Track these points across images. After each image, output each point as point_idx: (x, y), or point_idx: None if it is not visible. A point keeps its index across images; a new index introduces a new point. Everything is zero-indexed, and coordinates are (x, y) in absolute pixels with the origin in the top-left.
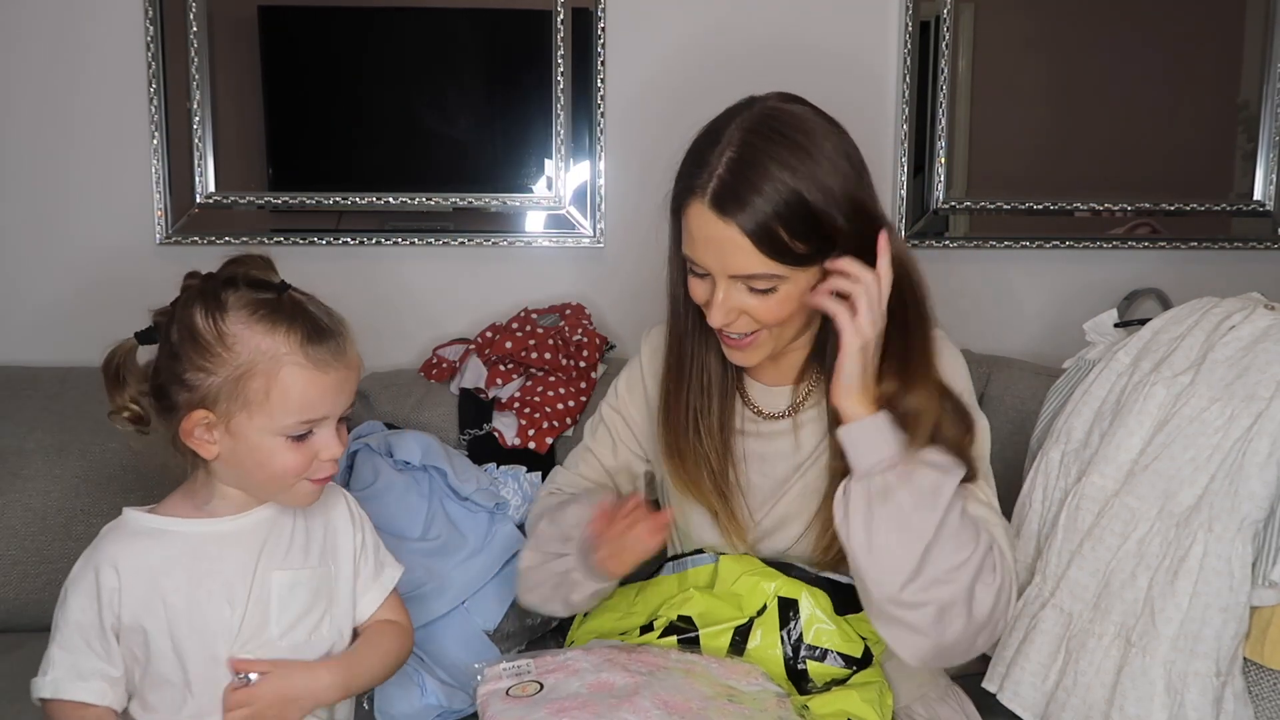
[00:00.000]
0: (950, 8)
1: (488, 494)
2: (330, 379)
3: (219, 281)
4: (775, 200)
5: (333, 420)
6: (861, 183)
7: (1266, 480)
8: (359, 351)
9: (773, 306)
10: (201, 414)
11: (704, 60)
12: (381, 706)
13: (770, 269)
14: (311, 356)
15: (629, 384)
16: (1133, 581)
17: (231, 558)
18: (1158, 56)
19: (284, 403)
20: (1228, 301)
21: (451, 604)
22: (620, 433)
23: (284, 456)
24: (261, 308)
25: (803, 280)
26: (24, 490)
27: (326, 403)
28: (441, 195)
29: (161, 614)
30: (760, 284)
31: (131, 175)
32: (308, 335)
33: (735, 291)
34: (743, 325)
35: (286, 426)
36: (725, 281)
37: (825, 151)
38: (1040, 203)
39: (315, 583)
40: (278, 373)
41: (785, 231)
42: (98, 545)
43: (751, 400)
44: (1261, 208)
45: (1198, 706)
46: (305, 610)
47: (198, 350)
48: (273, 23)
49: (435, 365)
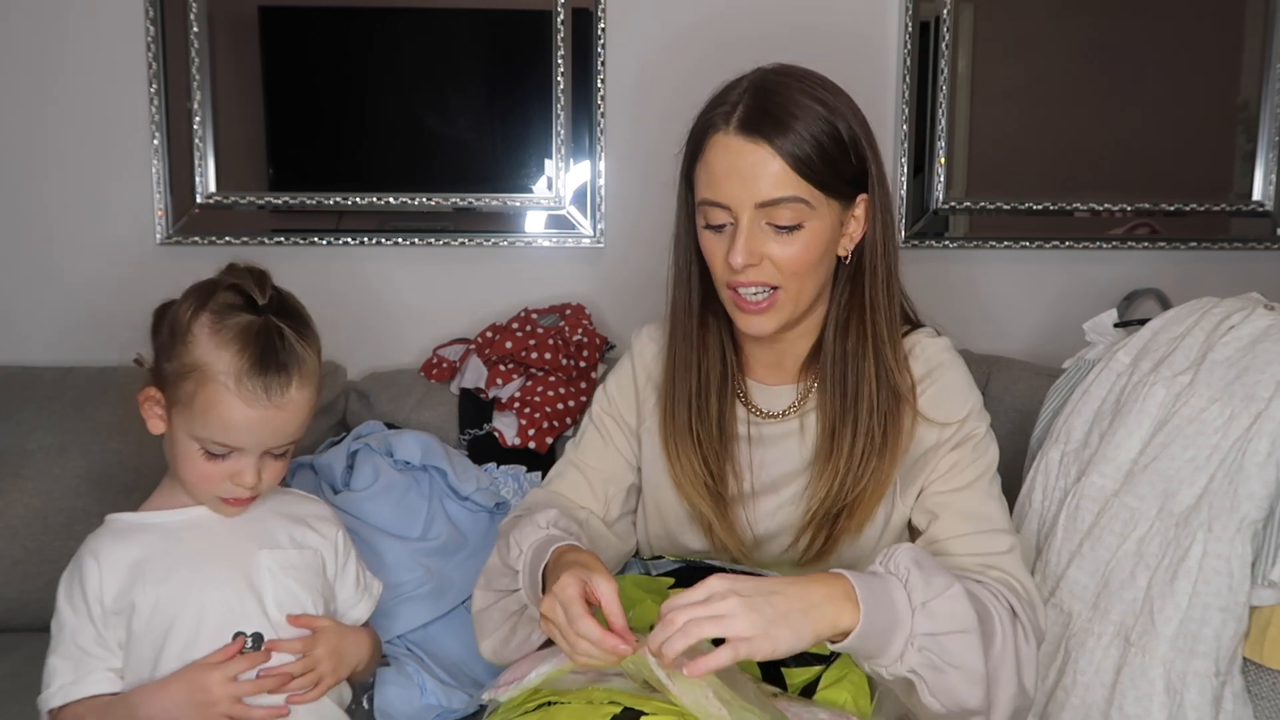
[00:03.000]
0: (950, 8)
1: (488, 494)
2: (253, 415)
3: (220, 284)
4: (807, 120)
5: (252, 454)
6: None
7: (1266, 480)
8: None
9: (796, 251)
10: (155, 390)
11: (704, 60)
12: (381, 706)
13: (800, 191)
14: (243, 386)
15: (619, 385)
16: (1132, 581)
17: (213, 541)
18: (1158, 56)
19: (203, 416)
20: (1227, 301)
21: (451, 604)
22: (612, 434)
23: (197, 465)
24: (227, 320)
25: (828, 218)
26: (24, 490)
27: (243, 435)
28: (442, 195)
29: (144, 598)
30: (786, 217)
31: (132, 175)
32: (251, 365)
33: (758, 230)
34: (764, 274)
35: (200, 438)
36: (749, 217)
37: (844, 96)
38: (1040, 203)
39: (304, 563)
40: (205, 386)
41: (816, 153)
42: (80, 548)
43: (753, 402)
44: (1261, 208)
45: (1197, 706)
46: (299, 590)
47: (169, 334)
48: (273, 23)
49: (435, 365)
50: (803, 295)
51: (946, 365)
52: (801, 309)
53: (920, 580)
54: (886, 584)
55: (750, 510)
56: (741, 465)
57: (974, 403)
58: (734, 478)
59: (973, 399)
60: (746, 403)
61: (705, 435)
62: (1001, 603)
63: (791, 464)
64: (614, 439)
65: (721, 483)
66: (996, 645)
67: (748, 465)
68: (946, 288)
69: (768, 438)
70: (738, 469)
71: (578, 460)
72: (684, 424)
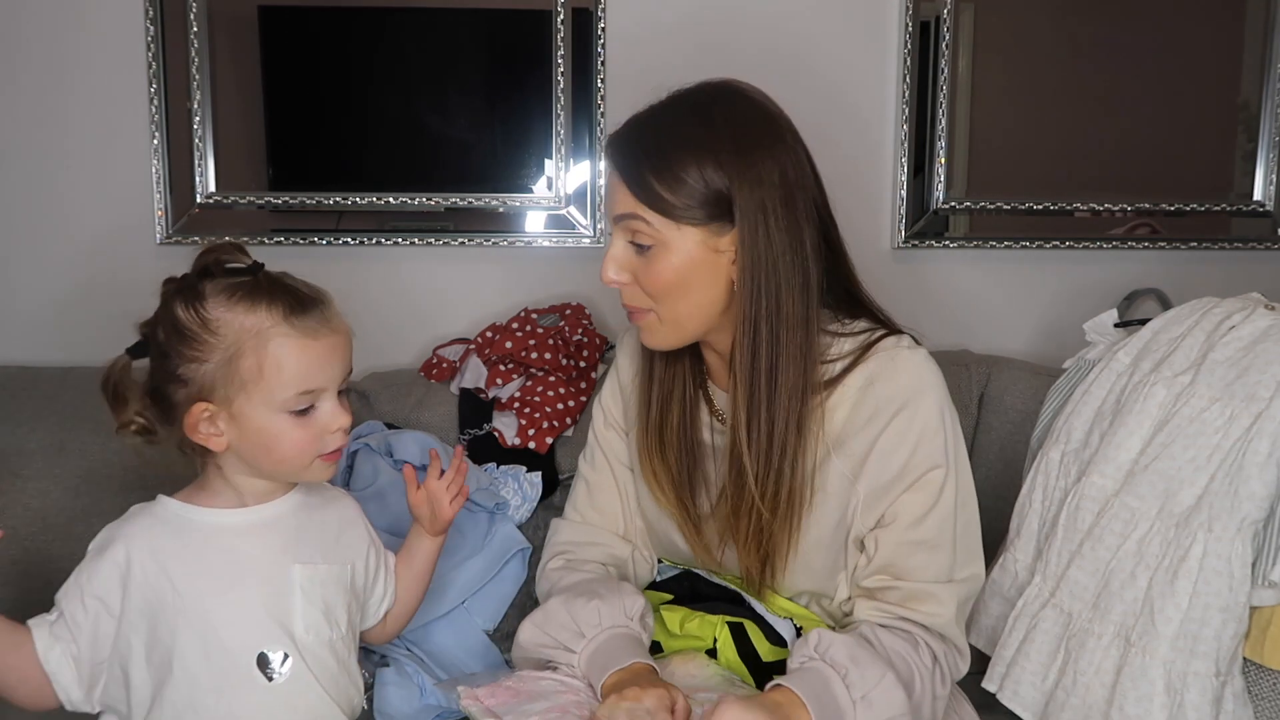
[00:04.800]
0: (950, 8)
1: (488, 494)
2: (321, 345)
3: (194, 275)
4: (645, 144)
5: (332, 391)
6: (760, 161)
7: (1266, 480)
8: (351, 327)
9: (653, 270)
10: (202, 406)
11: (704, 60)
12: (381, 706)
13: (640, 211)
14: (298, 326)
15: (612, 394)
16: (1132, 581)
17: (244, 549)
18: (1158, 56)
19: (279, 376)
20: (1228, 302)
21: (451, 604)
22: (616, 451)
23: (291, 435)
24: (239, 289)
25: (679, 244)
26: (24, 490)
27: (322, 371)
28: (442, 195)
29: (171, 600)
30: (641, 235)
31: (132, 175)
32: (290, 307)
33: (620, 241)
34: (633, 297)
35: (286, 401)
36: (617, 230)
37: (740, 116)
38: (1040, 203)
39: (336, 579)
40: (266, 347)
41: (656, 178)
42: (122, 523)
43: (718, 408)
44: (1261, 208)
45: (1197, 706)
46: (331, 606)
47: (185, 342)
48: (273, 22)
49: (435, 365)
50: (677, 315)
51: (924, 391)
52: (690, 329)
53: (857, 675)
54: (829, 683)
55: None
56: (710, 475)
57: (944, 437)
58: (704, 488)
59: (941, 435)
60: (711, 408)
61: (669, 443)
62: (924, 652)
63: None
64: (618, 454)
65: (690, 493)
66: (925, 707)
67: (715, 476)
68: (946, 288)
69: (720, 447)
70: (707, 478)
71: (593, 478)
72: (657, 431)
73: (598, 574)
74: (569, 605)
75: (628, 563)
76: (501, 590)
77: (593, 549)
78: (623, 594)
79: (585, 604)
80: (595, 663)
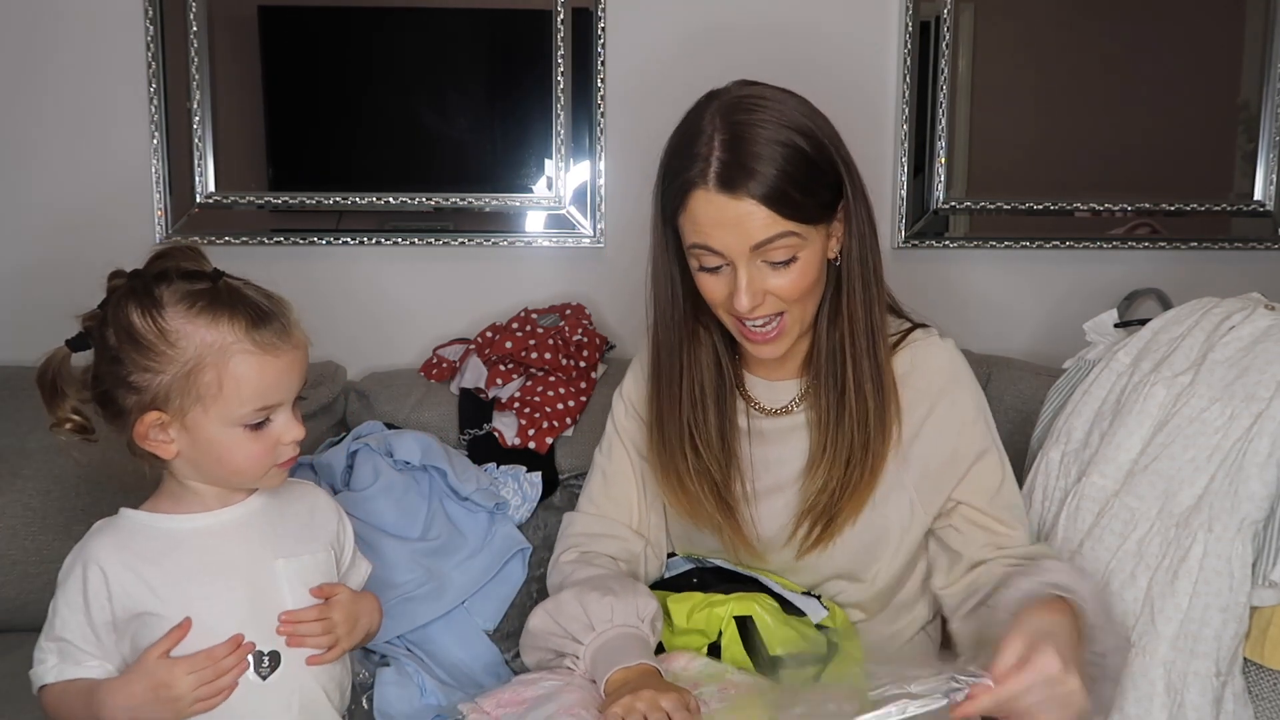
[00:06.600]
0: (950, 8)
1: (488, 494)
2: (281, 361)
3: (149, 277)
4: (780, 161)
5: (288, 404)
6: (837, 136)
7: (1266, 480)
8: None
9: (795, 279)
10: (154, 415)
11: (704, 60)
12: (380, 706)
13: (789, 228)
14: (259, 342)
15: (635, 383)
16: (1133, 581)
17: (223, 550)
18: (1158, 56)
19: (238, 392)
20: (1228, 301)
21: (451, 604)
22: (637, 440)
23: (245, 448)
24: (200, 299)
25: (818, 242)
26: (24, 490)
27: (281, 387)
28: (442, 195)
29: (155, 605)
30: (780, 253)
31: (131, 175)
32: (251, 321)
33: (756, 271)
34: (769, 308)
35: (243, 416)
36: (746, 260)
37: (796, 107)
38: (1040, 203)
39: (321, 566)
40: (227, 363)
41: (796, 190)
42: (85, 542)
43: (753, 397)
44: (1261, 208)
45: (1197, 706)
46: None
47: (140, 351)
48: (273, 22)
49: (435, 365)
50: (808, 313)
51: (962, 382)
52: (809, 324)
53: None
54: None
55: (755, 510)
56: (745, 464)
57: (985, 417)
58: (739, 479)
59: (982, 420)
60: (746, 397)
61: (705, 446)
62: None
63: (797, 460)
64: (635, 440)
65: (728, 491)
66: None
67: (749, 464)
68: (946, 288)
69: (769, 433)
70: (742, 468)
71: (609, 469)
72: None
73: (610, 569)
74: (582, 597)
75: (639, 558)
76: (501, 590)
77: (606, 541)
78: (637, 594)
79: (599, 599)
80: (601, 657)
